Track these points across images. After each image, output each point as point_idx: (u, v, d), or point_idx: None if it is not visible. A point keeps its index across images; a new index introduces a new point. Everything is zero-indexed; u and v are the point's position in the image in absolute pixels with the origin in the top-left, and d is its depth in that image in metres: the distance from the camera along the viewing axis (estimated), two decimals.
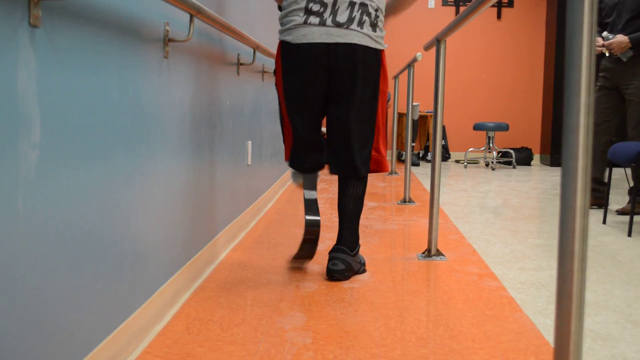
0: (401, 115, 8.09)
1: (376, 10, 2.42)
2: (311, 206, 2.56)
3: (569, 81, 1.01)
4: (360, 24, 2.37)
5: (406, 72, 8.37)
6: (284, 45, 2.42)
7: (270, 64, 4.20)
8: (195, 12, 1.88)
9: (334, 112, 2.46)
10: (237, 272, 2.52)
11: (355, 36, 2.36)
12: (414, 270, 2.60)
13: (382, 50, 2.48)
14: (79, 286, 1.35)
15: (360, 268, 2.57)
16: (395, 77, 6.17)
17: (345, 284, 2.37)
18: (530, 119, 8.40)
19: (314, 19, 2.35)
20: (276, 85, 2.53)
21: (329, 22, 2.35)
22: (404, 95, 8.49)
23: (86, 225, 1.38)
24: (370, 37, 2.39)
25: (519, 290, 2.35)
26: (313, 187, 2.60)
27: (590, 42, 0.99)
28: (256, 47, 3.05)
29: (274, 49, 4.46)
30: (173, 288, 2.05)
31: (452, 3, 8.29)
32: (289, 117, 2.49)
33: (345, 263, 2.44)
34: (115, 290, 1.57)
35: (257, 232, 3.29)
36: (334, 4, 2.35)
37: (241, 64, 3.10)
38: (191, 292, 2.23)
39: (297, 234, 3.26)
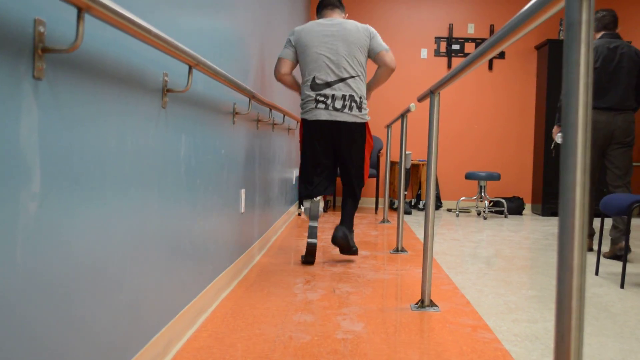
0: (393, 164, 8.13)
1: (360, 98, 3.89)
2: (312, 232, 3.86)
3: (565, 140, 1.03)
4: (350, 108, 3.86)
5: (399, 121, 8.44)
6: (304, 121, 3.96)
7: (265, 112, 4.25)
8: (194, 64, 1.91)
9: (341, 162, 4.02)
10: (230, 321, 2.49)
11: (347, 117, 3.86)
12: (407, 321, 2.58)
13: (367, 122, 3.96)
14: (74, 337, 1.34)
15: (353, 247, 3.98)
16: (388, 127, 6.23)
17: (339, 335, 2.35)
18: (521, 169, 8.46)
19: (321, 105, 3.85)
20: (299, 145, 4.27)
21: (330, 108, 3.84)
22: (396, 144, 8.55)
23: (82, 276, 1.38)
24: (356, 116, 3.88)
25: (513, 343, 2.34)
26: (315, 219, 3.94)
27: (587, 102, 1.01)
28: (252, 97, 3.09)
29: (269, 99, 4.50)
30: (166, 338, 2.03)
31: (444, 54, 8.42)
32: (304, 163, 4.00)
33: (344, 232, 3.91)
34: (109, 341, 1.55)
35: (250, 281, 3.27)
36: (333, 97, 3.84)
37: (237, 113, 3.13)
38: (184, 342, 2.20)
39: (290, 283, 3.25)
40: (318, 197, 3.96)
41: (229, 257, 3.09)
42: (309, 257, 3.85)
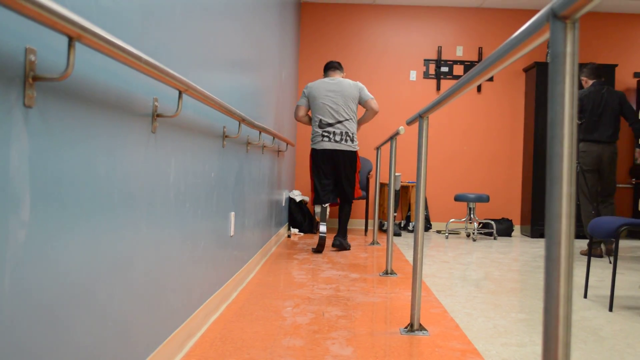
0: (383, 185, 8.14)
1: (352, 134, 5.72)
2: (322, 229, 5.59)
3: (550, 169, 1.04)
4: (345, 141, 5.68)
5: (388, 143, 8.47)
6: (313, 150, 5.75)
7: (255, 135, 4.26)
8: (184, 89, 1.92)
9: (338, 179, 5.77)
10: (219, 346, 2.48)
11: (344, 146, 5.69)
12: (396, 346, 2.58)
13: (357, 151, 5.77)
14: None
15: (347, 247, 5.83)
16: (378, 149, 6.25)
17: None
18: (510, 191, 8.50)
19: (325, 139, 5.67)
20: (309, 167, 5.84)
21: (332, 140, 5.66)
22: (386, 165, 8.58)
23: (70, 303, 1.37)
24: (350, 146, 5.71)
25: None
26: (324, 220, 5.70)
27: (572, 132, 1.03)
28: (242, 120, 3.10)
29: (258, 121, 4.52)
30: None
31: (433, 76, 8.48)
32: (314, 180, 5.76)
33: (340, 241, 5.80)
34: None
35: (239, 304, 3.26)
36: (334, 133, 5.66)
37: (227, 136, 3.14)
38: None
39: (280, 306, 3.24)
40: (326, 205, 5.73)
41: (218, 280, 3.09)
42: (319, 248, 5.55)
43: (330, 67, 5.93)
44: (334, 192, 5.80)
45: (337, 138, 5.64)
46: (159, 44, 2.00)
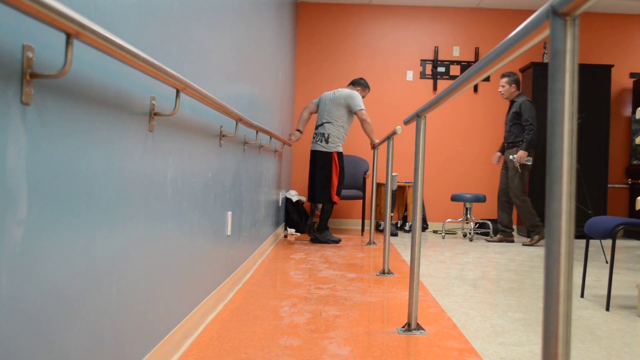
0: (379, 185, 8.15)
1: (328, 135, 6.27)
2: (311, 214, 6.90)
3: (550, 168, 1.04)
4: (320, 141, 6.31)
5: (385, 143, 8.46)
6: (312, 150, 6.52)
7: (252, 134, 4.26)
8: (182, 87, 1.91)
9: (314, 178, 6.36)
10: (216, 345, 2.48)
11: (318, 147, 6.33)
12: (394, 345, 2.58)
13: (333, 152, 6.28)
14: None
15: (327, 240, 6.39)
16: (375, 148, 6.25)
17: (325, 359, 2.34)
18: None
19: (313, 140, 6.38)
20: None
21: (314, 141, 6.35)
22: (383, 165, 8.58)
23: (67, 302, 1.37)
24: (323, 147, 6.29)
25: None
26: (313, 212, 6.84)
27: (572, 130, 1.03)
28: (239, 120, 3.09)
29: (255, 121, 4.52)
30: None
31: (429, 76, 8.48)
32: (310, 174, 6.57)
33: (315, 236, 6.40)
34: None
35: (236, 304, 3.26)
36: (316, 134, 6.32)
37: (224, 136, 3.13)
38: None
39: (277, 306, 3.23)
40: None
41: (215, 280, 3.08)
42: (311, 236, 6.55)
43: (350, 83, 6.75)
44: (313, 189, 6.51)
45: (317, 139, 6.31)
46: (157, 42, 2.00)
